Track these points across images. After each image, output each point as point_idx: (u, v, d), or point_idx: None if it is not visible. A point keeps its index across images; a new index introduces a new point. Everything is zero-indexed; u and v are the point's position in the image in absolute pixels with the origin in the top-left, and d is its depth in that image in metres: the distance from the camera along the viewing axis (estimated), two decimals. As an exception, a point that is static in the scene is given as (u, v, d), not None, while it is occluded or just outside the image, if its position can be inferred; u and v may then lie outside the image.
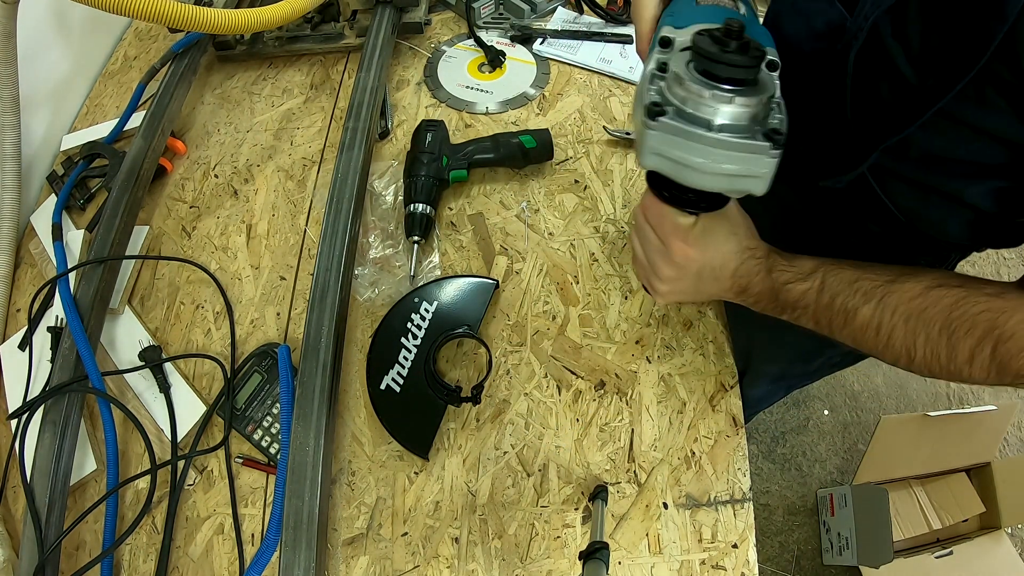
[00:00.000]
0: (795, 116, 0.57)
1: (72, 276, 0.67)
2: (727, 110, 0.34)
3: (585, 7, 0.98)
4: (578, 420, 0.63)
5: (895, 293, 0.42)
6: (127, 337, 0.69)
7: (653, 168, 0.37)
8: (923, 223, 0.53)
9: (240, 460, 0.62)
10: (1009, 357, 0.38)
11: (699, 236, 0.46)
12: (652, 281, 0.50)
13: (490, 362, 0.65)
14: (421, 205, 0.72)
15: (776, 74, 0.37)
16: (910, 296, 0.42)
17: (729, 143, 0.34)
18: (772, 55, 0.38)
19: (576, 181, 0.79)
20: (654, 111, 0.35)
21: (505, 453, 0.62)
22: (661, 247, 0.47)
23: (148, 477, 0.59)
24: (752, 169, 0.35)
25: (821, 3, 0.48)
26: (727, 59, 0.34)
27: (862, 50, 0.44)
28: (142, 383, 0.66)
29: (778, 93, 0.36)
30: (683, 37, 0.38)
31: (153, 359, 0.66)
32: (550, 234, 0.74)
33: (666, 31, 0.40)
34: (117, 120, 0.84)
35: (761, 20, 0.52)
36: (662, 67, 0.37)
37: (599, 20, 0.97)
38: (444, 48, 0.94)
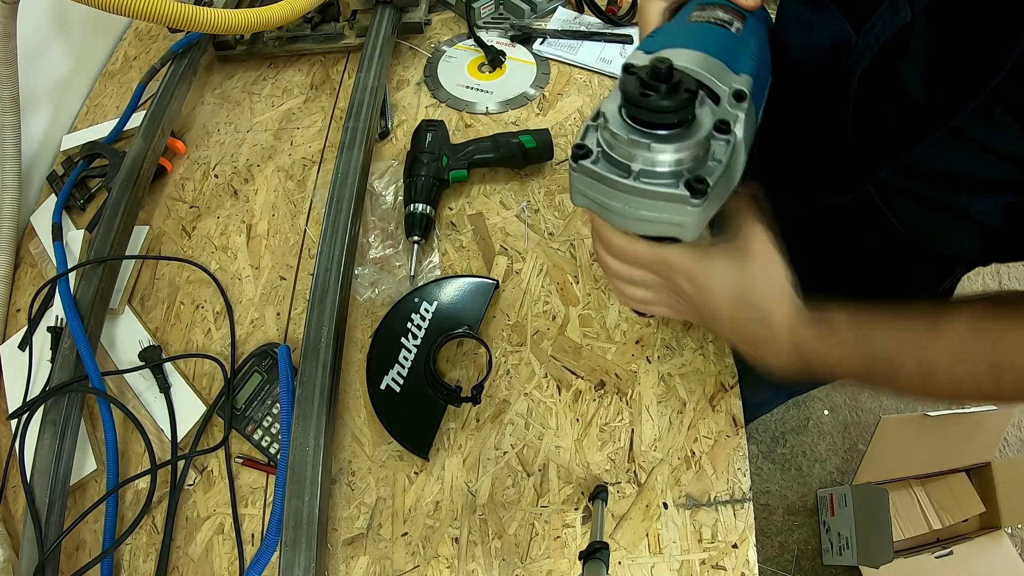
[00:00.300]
0: (796, 129, 0.56)
1: (72, 276, 0.67)
2: (645, 156, 0.33)
3: (586, 7, 0.98)
4: (578, 420, 0.63)
5: (938, 340, 0.38)
6: (127, 337, 0.69)
7: (582, 207, 0.37)
8: (928, 238, 0.52)
9: (240, 460, 0.62)
10: None
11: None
12: (650, 308, 0.46)
13: (490, 362, 0.65)
14: (421, 205, 0.72)
15: (743, 105, 0.36)
16: (955, 340, 0.38)
17: (646, 191, 0.33)
18: (739, 84, 0.36)
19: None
20: (577, 154, 0.35)
21: (505, 453, 0.62)
22: (666, 286, 0.42)
23: (148, 477, 0.59)
24: (673, 217, 0.34)
25: (826, 18, 0.47)
26: (647, 103, 0.32)
27: (868, 69, 0.44)
28: (142, 383, 0.66)
29: (724, 145, 0.34)
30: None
31: (153, 359, 0.66)
32: (550, 234, 0.74)
33: (634, 56, 0.38)
34: (117, 120, 0.84)
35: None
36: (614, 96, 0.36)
37: (599, 20, 0.97)
38: (444, 48, 0.94)
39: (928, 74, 0.40)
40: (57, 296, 0.67)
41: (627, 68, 0.35)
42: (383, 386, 0.62)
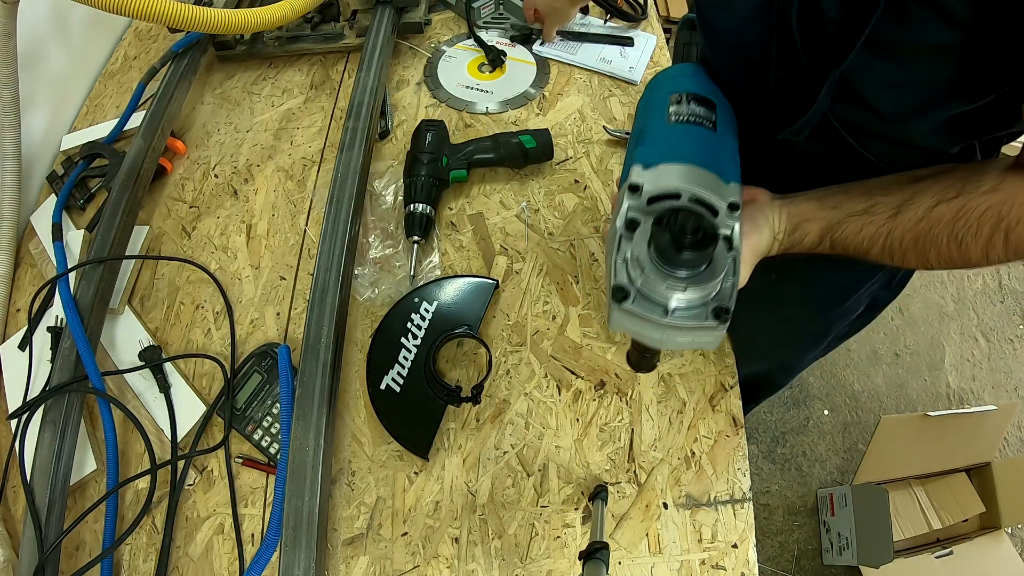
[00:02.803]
0: (755, 88, 0.56)
1: (72, 276, 0.67)
2: (681, 296, 0.38)
3: (589, 6, 0.98)
4: (578, 420, 0.63)
5: (899, 227, 0.46)
6: (127, 337, 0.69)
7: (620, 331, 0.42)
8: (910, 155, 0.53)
9: (240, 460, 0.62)
10: (1022, 240, 0.42)
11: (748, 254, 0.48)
12: None
13: (490, 362, 0.65)
14: (421, 205, 0.72)
15: (737, 214, 0.41)
16: (913, 224, 0.45)
17: (680, 326, 0.38)
18: (733, 196, 0.41)
19: (576, 181, 0.79)
20: (619, 296, 0.38)
21: (505, 453, 0.62)
22: None
23: (148, 477, 0.59)
24: (702, 339, 0.39)
25: None
26: (680, 259, 0.37)
27: (800, 11, 0.45)
28: (142, 383, 0.66)
29: (731, 263, 0.39)
30: (650, 186, 0.41)
31: (153, 359, 0.66)
32: (550, 234, 0.74)
33: (635, 174, 0.42)
34: (117, 120, 0.84)
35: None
36: (631, 224, 0.40)
37: (599, 21, 0.97)
38: (444, 48, 0.94)
39: None
40: (57, 296, 0.67)
41: (634, 188, 0.41)
42: (383, 386, 0.62)
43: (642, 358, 0.45)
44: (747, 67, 0.54)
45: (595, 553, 0.47)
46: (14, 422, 0.60)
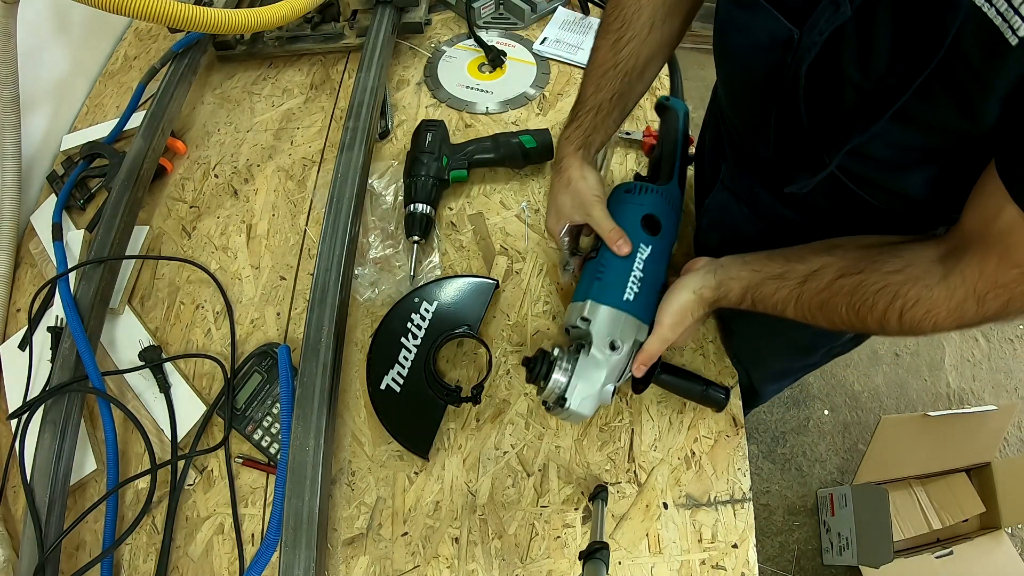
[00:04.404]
0: (755, 124, 0.57)
1: (72, 276, 0.67)
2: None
3: (591, 8, 0.98)
4: (578, 420, 0.63)
5: (806, 293, 0.51)
6: (127, 337, 0.69)
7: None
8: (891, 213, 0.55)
9: (240, 460, 0.62)
10: (917, 321, 0.45)
11: (670, 309, 0.56)
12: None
13: (490, 362, 0.65)
14: (421, 205, 0.72)
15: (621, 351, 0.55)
16: (817, 292, 0.50)
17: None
18: (641, 337, 0.56)
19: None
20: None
21: (505, 453, 0.62)
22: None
23: (148, 477, 0.59)
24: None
25: (761, 16, 0.48)
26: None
27: (814, 63, 0.45)
28: (142, 383, 0.66)
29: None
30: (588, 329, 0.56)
31: (153, 359, 0.66)
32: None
33: (588, 309, 0.56)
34: (117, 120, 0.84)
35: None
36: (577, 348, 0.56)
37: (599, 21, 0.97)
38: (444, 48, 0.94)
39: (872, 61, 0.42)
40: (57, 296, 0.67)
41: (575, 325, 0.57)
42: (383, 386, 0.62)
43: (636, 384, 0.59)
44: (753, 95, 0.55)
45: (595, 553, 0.47)
46: (14, 422, 0.60)
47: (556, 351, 0.56)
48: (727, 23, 0.54)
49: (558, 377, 0.54)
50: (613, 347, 0.55)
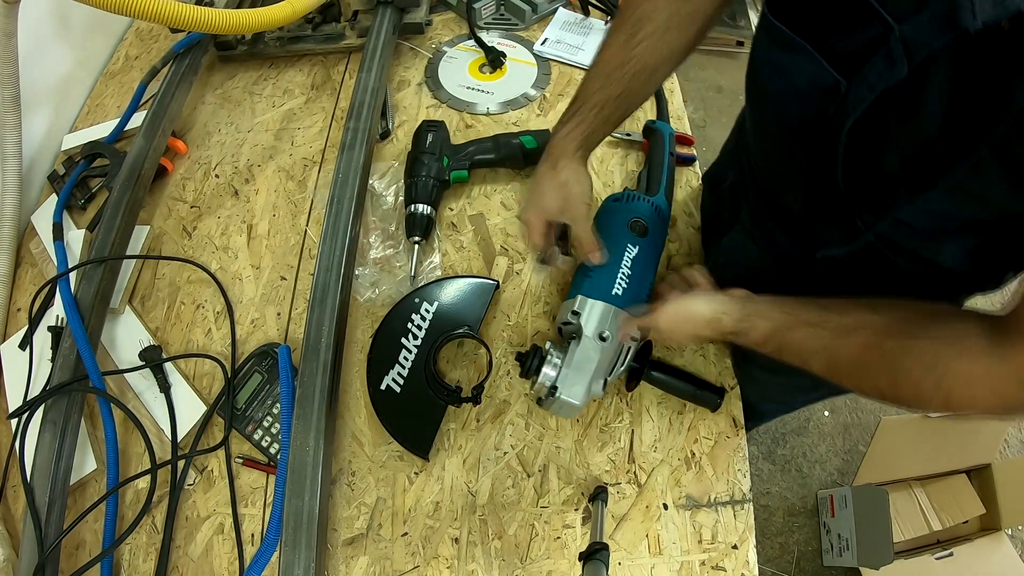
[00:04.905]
0: (784, 174, 0.55)
1: (73, 276, 0.67)
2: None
3: (591, 9, 0.98)
4: (578, 421, 0.63)
5: (844, 347, 0.46)
6: (127, 337, 0.69)
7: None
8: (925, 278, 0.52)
9: (240, 460, 0.62)
10: (957, 397, 0.40)
11: (678, 306, 0.54)
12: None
13: (490, 362, 0.65)
14: (422, 206, 0.72)
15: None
16: (858, 348, 0.45)
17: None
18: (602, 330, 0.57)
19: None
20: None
21: (505, 454, 0.62)
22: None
23: (148, 477, 0.59)
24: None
25: (802, 59, 0.44)
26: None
27: (859, 121, 0.42)
28: (142, 383, 0.66)
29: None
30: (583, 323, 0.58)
31: (153, 359, 0.66)
32: (551, 235, 0.74)
33: (579, 304, 0.59)
34: (118, 120, 0.84)
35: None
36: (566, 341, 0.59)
37: (600, 22, 0.97)
38: (445, 49, 0.94)
39: (922, 124, 0.39)
40: (58, 295, 0.67)
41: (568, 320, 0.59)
42: (383, 386, 0.62)
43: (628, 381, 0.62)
44: (785, 144, 0.53)
45: (595, 554, 0.47)
46: (14, 421, 0.60)
47: (548, 345, 0.57)
48: (764, 62, 0.50)
49: (548, 371, 0.56)
50: (602, 338, 0.56)
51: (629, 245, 0.62)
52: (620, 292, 0.59)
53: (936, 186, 0.40)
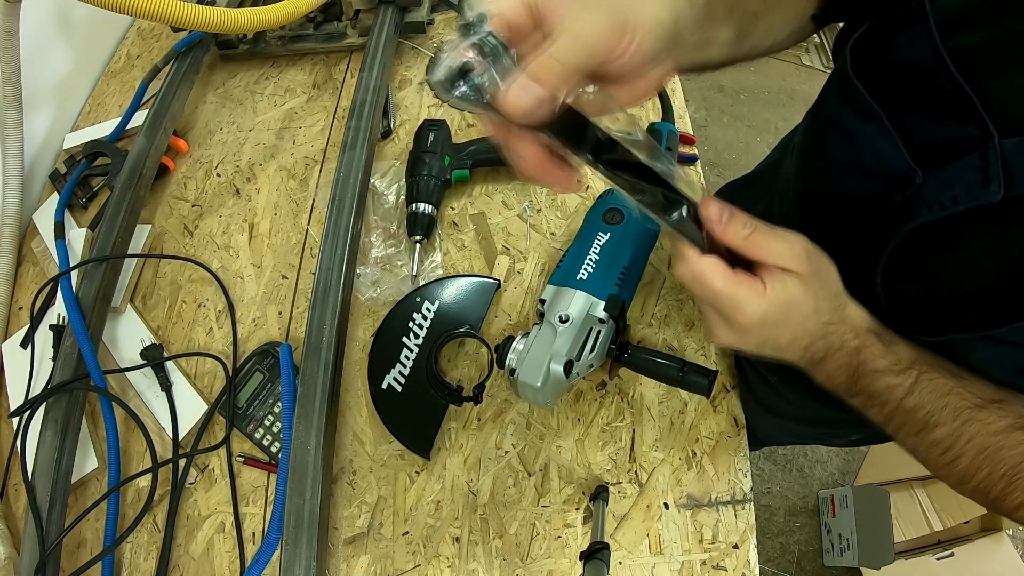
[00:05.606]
0: (822, 246, 0.42)
1: (74, 274, 0.67)
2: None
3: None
4: (579, 420, 0.63)
5: (978, 421, 0.38)
6: (129, 335, 0.69)
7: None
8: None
9: (241, 459, 0.62)
10: None
11: (770, 311, 0.37)
12: (711, 334, 0.42)
13: (491, 362, 0.65)
14: (423, 205, 0.72)
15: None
16: (992, 430, 0.37)
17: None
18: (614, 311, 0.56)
19: (578, 180, 0.79)
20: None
21: (506, 453, 0.62)
22: (719, 317, 0.40)
23: (149, 475, 0.59)
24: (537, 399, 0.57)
25: (873, 130, 0.38)
26: None
27: (925, 226, 0.35)
28: (144, 381, 0.66)
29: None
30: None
31: (155, 357, 0.66)
32: (552, 234, 0.74)
33: (546, 291, 0.61)
34: (120, 119, 0.84)
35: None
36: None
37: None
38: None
39: (1007, 258, 0.33)
40: (59, 294, 0.67)
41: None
42: (384, 385, 0.62)
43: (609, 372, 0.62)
44: (828, 221, 0.45)
45: (596, 553, 0.47)
46: (16, 420, 0.60)
47: (519, 334, 0.58)
48: (830, 122, 0.44)
49: (510, 355, 0.57)
50: (563, 320, 0.57)
51: (600, 233, 0.64)
52: (585, 276, 0.61)
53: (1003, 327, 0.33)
